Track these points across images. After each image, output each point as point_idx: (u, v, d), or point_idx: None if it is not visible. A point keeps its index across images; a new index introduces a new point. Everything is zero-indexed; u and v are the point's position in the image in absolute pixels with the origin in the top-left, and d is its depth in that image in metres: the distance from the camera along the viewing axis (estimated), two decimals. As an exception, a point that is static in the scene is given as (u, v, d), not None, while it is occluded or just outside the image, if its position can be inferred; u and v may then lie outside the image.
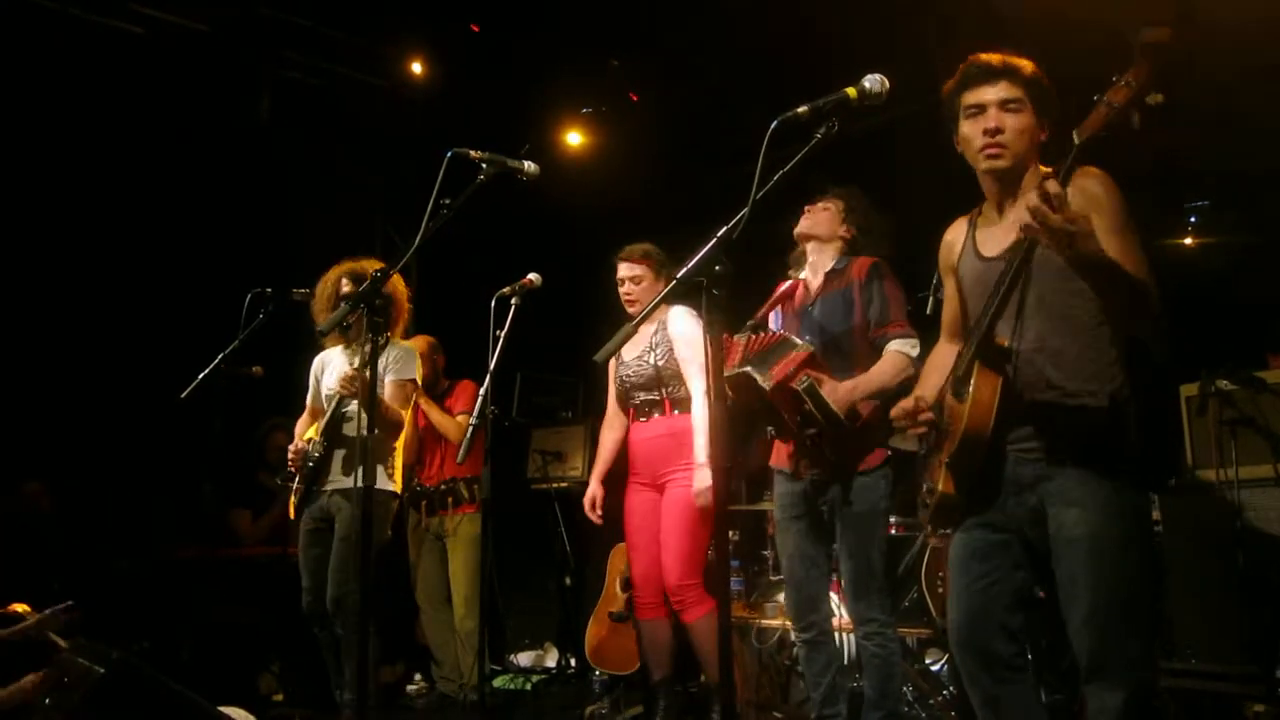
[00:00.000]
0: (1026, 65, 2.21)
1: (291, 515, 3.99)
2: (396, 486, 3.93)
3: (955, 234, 2.44)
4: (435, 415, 4.81)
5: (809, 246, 3.30)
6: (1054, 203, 1.84)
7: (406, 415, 3.98)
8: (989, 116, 2.19)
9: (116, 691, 2.25)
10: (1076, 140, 1.91)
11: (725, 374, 3.00)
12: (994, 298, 2.12)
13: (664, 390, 3.77)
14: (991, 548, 2.21)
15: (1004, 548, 2.20)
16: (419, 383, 4.04)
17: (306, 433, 4.04)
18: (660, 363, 3.76)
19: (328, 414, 3.84)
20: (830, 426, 2.98)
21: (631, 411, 3.89)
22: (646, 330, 3.82)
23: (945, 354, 2.50)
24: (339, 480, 3.83)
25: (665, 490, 3.74)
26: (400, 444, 4.03)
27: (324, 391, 4.01)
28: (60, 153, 5.05)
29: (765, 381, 2.98)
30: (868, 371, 3.07)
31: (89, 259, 5.22)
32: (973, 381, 2.11)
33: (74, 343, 5.14)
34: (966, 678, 2.25)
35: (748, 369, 3.00)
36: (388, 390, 3.89)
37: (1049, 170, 2.15)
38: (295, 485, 3.92)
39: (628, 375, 3.85)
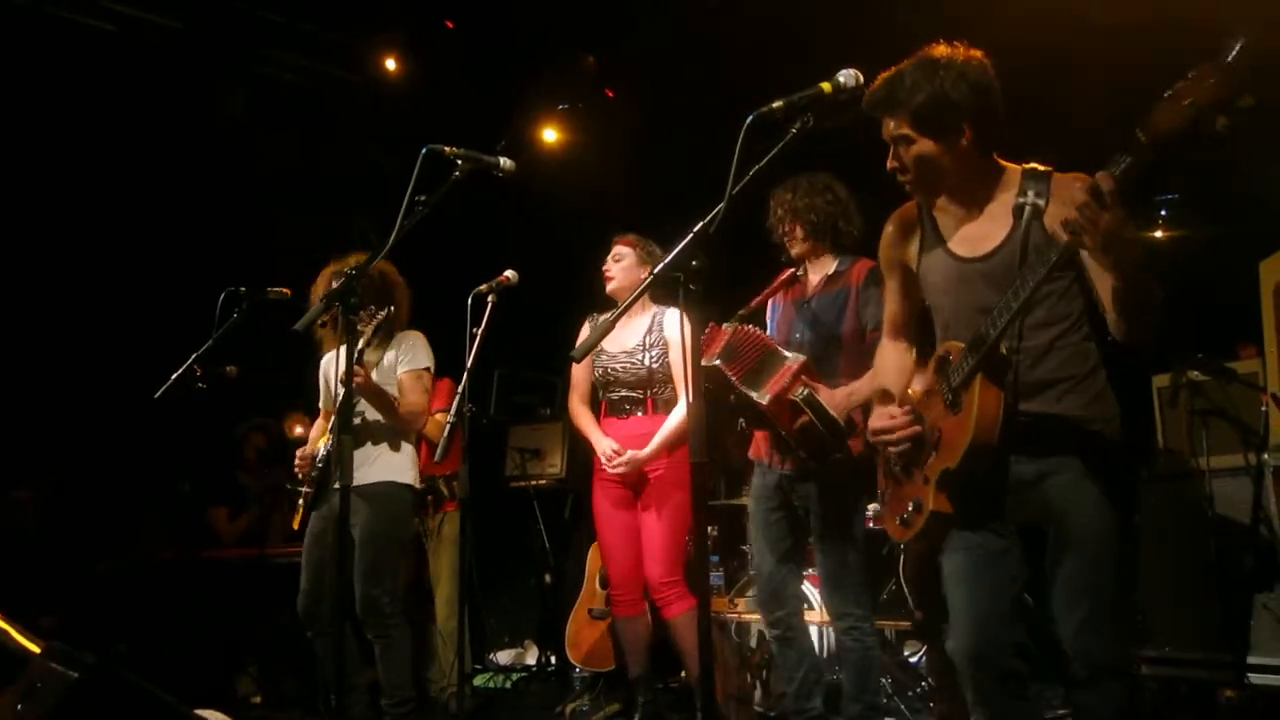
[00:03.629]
0: (906, 90, 2.05)
1: (295, 526, 3.83)
2: (410, 478, 3.78)
3: (903, 225, 2.30)
4: None
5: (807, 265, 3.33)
6: (1106, 201, 1.71)
7: (424, 403, 3.81)
8: (891, 154, 2.15)
9: (90, 697, 2.21)
10: (1142, 139, 1.65)
11: (702, 363, 2.99)
12: (1006, 308, 1.97)
13: (651, 390, 3.73)
14: (995, 556, 2.12)
15: (1006, 555, 2.12)
16: (433, 370, 3.88)
17: (323, 437, 3.90)
18: (654, 365, 3.70)
19: (337, 412, 3.71)
20: (831, 434, 2.95)
21: (606, 405, 3.83)
22: (639, 326, 3.78)
23: (892, 354, 2.42)
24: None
25: (644, 489, 3.71)
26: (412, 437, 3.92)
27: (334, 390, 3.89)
28: (31, 152, 4.99)
29: (761, 397, 2.96)
30: (864, 379, 3.01)
31: (62, 258, 5.16)
32: (976, 394, 2.00)
33: (47, 343, 5.08)
34: (976, 695, 2.13)
35: (745, 390, 2.98)
36: (403, 382, 3.75)
37: (1033, 169, 2.11)
38: (304, 490, 3.78)
39: (613, 369, 3.78)
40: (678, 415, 3.62)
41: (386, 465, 3.68)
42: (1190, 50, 1.65)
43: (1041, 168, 2.13)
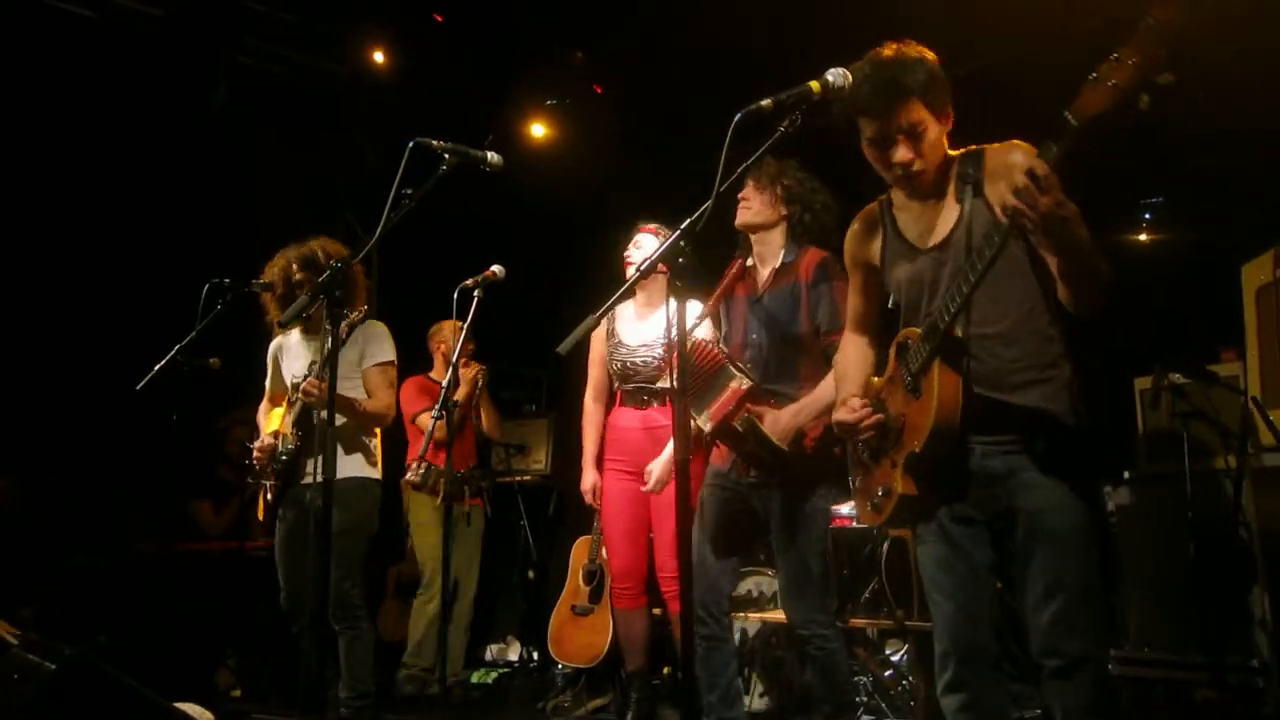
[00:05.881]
0: (910, 75, 2.05)
1: (261, 517, 3.85)
2: (378, 473, 3.79)
3: (867, 224, 2.34)
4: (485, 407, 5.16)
5: (754, 237, 3.18)
6: (1043, 185, 1.74)
7: (391, 399, 3.82)
8: (897, 151, 2.09)
9: (68, 688, 2.20)
10: (1072, 122, 1.70)
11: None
12: (958, 291, 2.00)
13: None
14: (968, 541, 2.15)
15: (978, 539, 2.15)
16: (396, 363, 3.88)
17: (270, 423, 3.91)
18: None
19: (298, 407, 3.68)
20: (774, 459, 2.91)
21: (621, 395, 3.80)
22: (659, 320, 3.72)
23: (855, 349, 2.45)
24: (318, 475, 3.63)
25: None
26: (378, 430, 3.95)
27: (288, 379, 3.87)
28: (10, 141, 4.93)
29: (705, 424, 2.93)
30: (813, 392, 2.95)
31: (43, 249, 5.11)
32: (935, 378, 2.04)
33: (28, 333, 5.03)
34: (953, 680, 2.15)
35: (692, 414, 2.94)
36: (370, 377, 3.74)
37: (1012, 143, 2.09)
38: (268, 484, 3.77)
39: (634, 362, 3.73)
40: None
41: (354, 462, 3.70)
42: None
43: (974, 147, 2.15)
